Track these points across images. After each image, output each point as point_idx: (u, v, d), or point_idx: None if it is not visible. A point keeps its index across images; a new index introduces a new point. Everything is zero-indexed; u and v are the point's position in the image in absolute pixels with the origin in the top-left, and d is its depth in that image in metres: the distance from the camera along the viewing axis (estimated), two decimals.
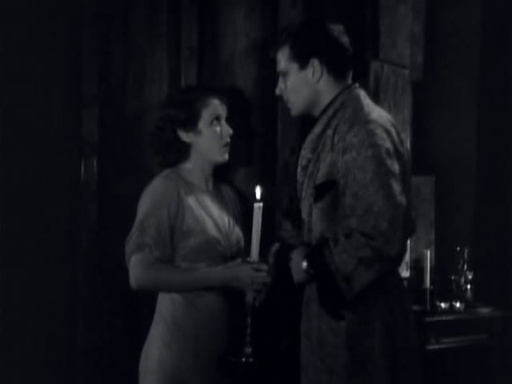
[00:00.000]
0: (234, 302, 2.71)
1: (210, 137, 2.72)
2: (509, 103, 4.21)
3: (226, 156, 2.76)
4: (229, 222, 2.77)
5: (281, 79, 2.61)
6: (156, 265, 2.60)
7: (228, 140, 2.75)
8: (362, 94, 2.57)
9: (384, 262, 2.33)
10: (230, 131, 2.75)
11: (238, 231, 2.79)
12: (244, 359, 2.59)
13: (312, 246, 2.49)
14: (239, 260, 2.65)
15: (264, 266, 2.60)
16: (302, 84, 2.56)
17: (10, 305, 2.99)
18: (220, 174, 2.86)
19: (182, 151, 2.74)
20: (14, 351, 2.99)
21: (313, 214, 2.51)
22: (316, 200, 2.49)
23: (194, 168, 2.75)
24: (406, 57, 3.59)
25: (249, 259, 2.60)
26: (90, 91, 3.03)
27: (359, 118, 2.46)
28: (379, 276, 2.35)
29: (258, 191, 2.58)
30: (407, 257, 3.60)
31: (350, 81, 2.60)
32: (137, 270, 2.59)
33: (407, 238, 2.40)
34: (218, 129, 2.73)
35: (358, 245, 2.31)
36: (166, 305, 2.68)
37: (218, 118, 2.73)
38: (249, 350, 2.59)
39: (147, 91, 3.08)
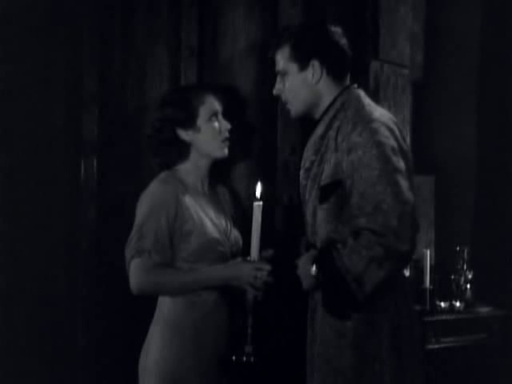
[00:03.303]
0: (234, 302, 2.71)
1: (210, 133, 2.73)
2: (509, 103, 4.21)
3: (226, 151, 2.76)
4: (226, 223, 2.77)
5: (279, 79, 2.61)
6: (156, 269, 2.59)
7: (227, 135, 2.75)
8: (362, 94, 2.58)
9: (395, 259, 2.33)
10: (228, 126, 2.76)
11: (235, 231, 2.79)
12: (245, 358, 2.58)
13: (320, 250, 2.48)
14: (240, 259, 2.65)
15: (265, 266, 2.60)
16: (301, 85, 2.56)
17: (10, 305, 2.99)
18: (219, 173, 2.86)
19: (182, 150, 2.74)
20: (13, 351, 2.99)
21: (318, 215, 2.51)
22: (321, 201, 2.49)
23: (192, 168, 2.75)
24: (406, 57, 3.58)
25: (249, 258, 2.60)
26: (90, 91, 3.03)
27: (362, 117, 2.46)
28: (390, 274, 2.35)
29: (258, 189, 2.57)
30: None
31: (348, 82, 2.60)
32: (137, 275, 2.60)
33: (415, 236, 2.40)
34: (216, 124, 2.74)
35: (369, 244, 2.31)
36: (166, 304, 2.68)
37: (215, 114, 2.74)
38: (249, 349, 2.59)
39: (147, 91, 3.08)
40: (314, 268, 2.42)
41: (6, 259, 2.98)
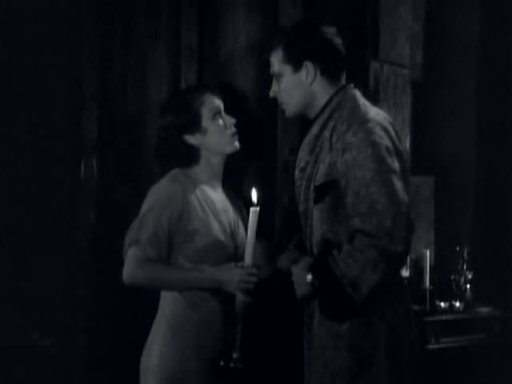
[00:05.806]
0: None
1: (217, 131, 2.71)
2: (509, 103, 4.21)
3: (237, 144, 2.74)
4: (234, 224, 2.75)
5: (274, 82, 2.61)
6: (150, 263, 2.58)
7: (234, 129, 2.73)
8: (358, 94, 2.57)
9: (390, 261, 2.32)
10: (233, 120, 2.74)
11: (242, 232, 2.77)
12: (232, 364, 2.55)
13: (315, 257, 2.48)
14: (232, 264, 2.62)
15: (256, 272, 2.57)
16: (295, 86, 2.56)
17: (10, 305, 2.99)
18: (226, 173, 2.84)
19: (192, 154, 2.72)
20: (13, 351, 2.99)
21: (313, 216, 2.50)
22: (316, 201, 2.48)
23: (205, 167, 2.73)
24: (406, 57, 3.59)
25: (242, 264, 2.58)
26: (90, 91, 3.03)
27: (357, 117, 2.46)
28: (386, 276, 2.34)
29: (254, 195, 2.54)
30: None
31: (343, 81, 2.59)
32: (130, 265, 2.59)
33: (410, 236, 2.39)
34: (220, 122, 2.72)
35: (363, 246, 2.30)
36: (168, 304, 2.68)
37: (218, 112, 2.73)
38: (237, 355, 2.55)
39: (147, 91, 3.08)
40: (309, 275, 2.42)
41: (5, 259, 2.98)
